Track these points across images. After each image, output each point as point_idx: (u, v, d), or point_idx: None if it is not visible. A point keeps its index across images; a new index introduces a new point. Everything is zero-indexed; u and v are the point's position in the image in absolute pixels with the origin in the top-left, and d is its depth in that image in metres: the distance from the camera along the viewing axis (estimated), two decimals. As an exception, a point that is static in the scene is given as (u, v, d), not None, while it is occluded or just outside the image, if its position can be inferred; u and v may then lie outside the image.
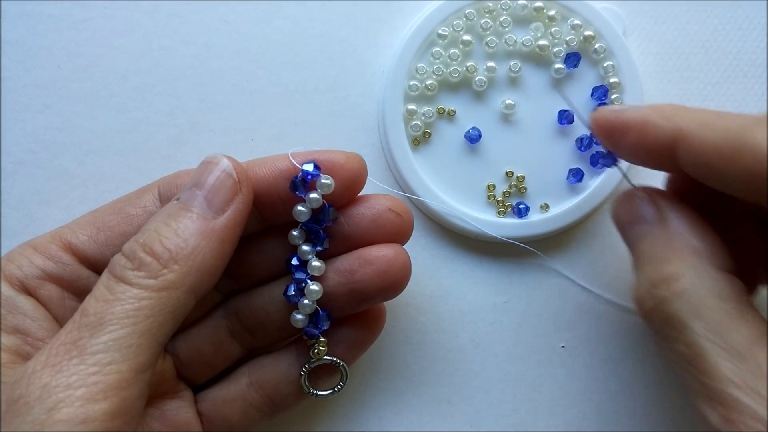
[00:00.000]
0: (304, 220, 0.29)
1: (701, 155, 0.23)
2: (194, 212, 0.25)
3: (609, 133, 0.27)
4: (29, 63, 0.35)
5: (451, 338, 0.35)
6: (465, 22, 0.34)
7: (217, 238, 0.25)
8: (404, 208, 0.30)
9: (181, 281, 0.24)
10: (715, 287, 0.23)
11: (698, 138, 0.23)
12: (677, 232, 0.25)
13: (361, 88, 0.35)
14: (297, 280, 0.29)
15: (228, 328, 0.31)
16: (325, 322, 0.29)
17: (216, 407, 0.30)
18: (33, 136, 0.35)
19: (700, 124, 0.23)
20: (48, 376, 0.21)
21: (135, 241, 0.25)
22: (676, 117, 0.24)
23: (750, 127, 0.22)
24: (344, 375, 0.31)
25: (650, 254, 0.25)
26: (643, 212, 0.26)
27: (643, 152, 0.26)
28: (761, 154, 0.21)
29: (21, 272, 0.28)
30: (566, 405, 0.35)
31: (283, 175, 0.28)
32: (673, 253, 0.24)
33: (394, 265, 0.29)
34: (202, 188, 0.26)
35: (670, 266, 0.24)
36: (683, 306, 0.23)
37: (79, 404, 0.21)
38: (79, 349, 0.22)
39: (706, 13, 0.36)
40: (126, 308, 0.23)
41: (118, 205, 0.29)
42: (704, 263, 0.24)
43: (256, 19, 0.35)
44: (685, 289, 0.23)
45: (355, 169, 0.29)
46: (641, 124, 0.25)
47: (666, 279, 0.24)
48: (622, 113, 0.26)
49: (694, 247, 0.24)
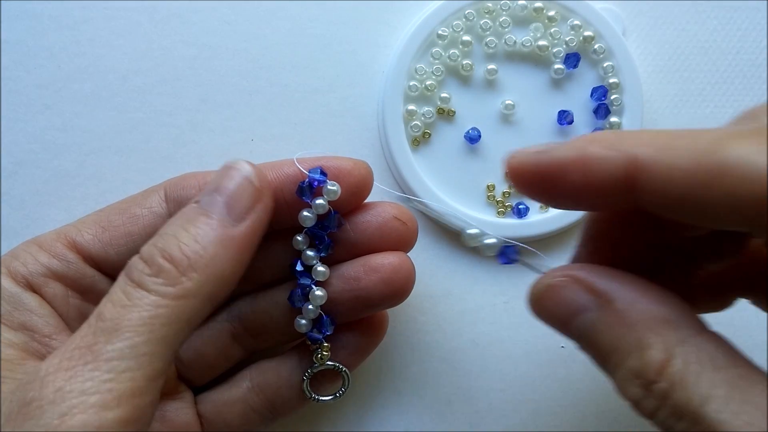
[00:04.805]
0: (309, 225, 0.29)
1: (669, 186, 0.19)
2: (214, 218, 0.25)
3: (540, 181, 0.22)
4: (29, 63, 0.35)
5: (451, 338, 0.35)
6: (465, 23, 0.35)
7: (236, 246, 0.25)
8: (409, 217, 0.30)
9: (199, 290, 0.24)
10: (707, 357, 0.19)
11: (661, 165, 0.19)
12: (632, 308, 0.21)
13: (361, 88, 0.36)
14: (301, 285, 0.29)
15: (230, 330, 0.31)
16: (328, 328, 0.29)
17: (216, 409, 0.30)
18: (33, 136, 0.35)
19: (658, 149, 0.19)
20: (62, 380, 0.21)
21: (154, 246, 0.24)
22: (624, 144, 0.20)
23: (723, 143, 0.18)
24: (346, 380, 0.31)
25: (618, 345, 0.21)
26: (577, 300, 0.22)
27: (590, 195, 0.21)
28: (748, 173, 0.17)
29: (26, 269, 0.27)
30: (566, 405, 0.35)
31: (289, 179, 0.28)
32: (646, 334, 0.20)
33: (399, 273, 0.29)
34: (223, 194, 0.26)
35: (653, 351, 0.20)
36: (688, 393, 0.19)
37: (93, 411, 0.21)
38: (94, 355, 0.22)
39: (706, 13, 0.36)
40: (143, 315, 0.22)
41: (124, 205, 0.29)
42: (682, 332, 0.20)
43: (256, 19, 0.35)
44: (682, 371, 0.19)
45: (362, 176, 0.29)
46: (581, 161, 0.20)
47: (657, 369, 0.20)
48: (550, 153, 0.21)
49: (661, 318, 0.20)
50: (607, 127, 0.35)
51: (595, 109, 0.35)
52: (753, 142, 0.18)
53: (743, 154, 0.18)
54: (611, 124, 0.35)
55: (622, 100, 0.34)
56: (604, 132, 0.21)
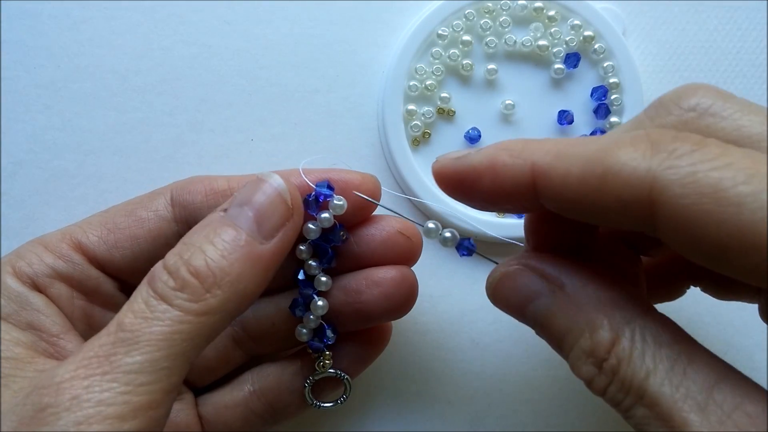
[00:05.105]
0: (313, 237, 0.29)
1: (564, 190, 0.21)
2: (242, 233, 0.24)
3: (458, 184, 0.24)
4: (29, 63, 0.35)
5: (451, 338, 0.35)
6: (465, 23, 0.34)
7: (263, 265, 0.24)
8: (414, 232, 0.30)
9: (222, 307, 0.23)
10: (652, 335, 0.21)
11: (557, 171, 0.21)
12: (582, 291, 0.22)
13: (361, 88, 0.35)
14: (303, 295, 0.29)
15: (232, 335, 0.31)
16: (330, 337, 0.29)
17: (217, 411, 0.30)
18: (33, 136, 0.35)
19: (555, 156, 0.21)
20: (79, 388, 0.21)
21: (179, 256, 0.24)
22: (527, 152, 0.22)
23: (609, 149, 0.20)
24: (348, 388, 0.31)
25: (570, 328, 0.22)
26: (531, 286, 0.23)
27: (501, 197, 0.23)
28: (628, 177, 0.19)
29: (31, 270, 0.27)
30: (566, 405, 0.35)
31: None
32: (596, 315, 0.21)
33: (401, 287, 0.29)
34: (253, 208, 0.25)
35: (602, 331, 0.21)
36: (634, 368, 0.20)
37: (109, 423, 0.21)
38: (112, 365, 0.21)
39: (706, 13, 0.36)
40: (164, 330, 0.22)
41: (130, 207, 0.29)
42: (629, 312, 0.21)
43: (256, 19, 0.35)
44: (629, 348, 0.21)
45: (370, 190, 0.29)
46: (491, 167, 0.22)
47: (607, 347, 0.21)
48: (466, 159, 0.23)
49: (609, 300, 0.22)
50: (608, 127, 0.35)
51: (595, 109, 0.35)
52: (634, 149, 0.19)
53: (625, 160, 0.19)
54: (611, 124, 0.35)
55: (622, 100, 0.34)
56: (514, 141, 0.23)
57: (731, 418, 0.19)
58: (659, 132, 0.20)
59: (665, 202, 0.18)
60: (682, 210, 0.18)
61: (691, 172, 0.18)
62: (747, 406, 0.19)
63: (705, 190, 0.18)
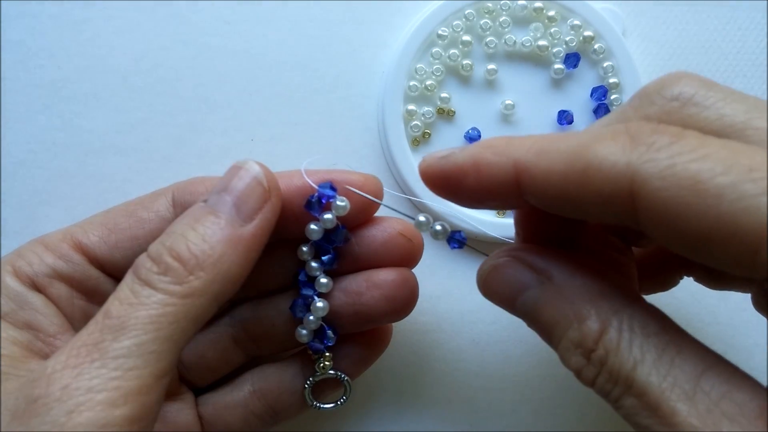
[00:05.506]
0: (316, 238, 0.29)
1: (547, 186, 0.21)
2: (222, 218, 0.25)
3: (444, 183, 0.24)
4: (29, 63, 0.35)
5: (451, 338, 0.35)
6: (465, 23, 0.34)
7: (244, 246, 0.25)
8: (415, 234, 0.30)
9: (206, 288, 0.24)
10: (639, 325, 0.21)
11: (539, 168, 0.21)
12: (570, 282, 0.22)
13: (361, 88, 0.35)
14: (304, 296, 0.29)
15: (232, 335, 0.31)
16: (330, 339, 0.30)
17: (217, 412, 0.30)
18: (33, 136, 0.35)
19: (537, 153, 0.21)
20: (69, 377, 0.21)
21: (161, 244, 0.24)
22: (509, 149, 0.22)
23: (588, 144, 0.20)
24: (348, 389, 0.31)
25: (559, 319, 0.22)
26: (520, 278, 0.23)
27: (486, 194, 0.23)
28: (608, 172, 0.19)
29: (31, 269, 0.27)
30: (566, 405, 0.35)
31: (299, 191, 0.28)
32: (584, 306, 0.21)
33: (402, 290, 0.29)
34: (232, 193, 0.26)
35: (590, 322, 0.21)
36: (622, 358, 0.20)
37: (99, 408, 0.21)
38: (101, 352, 0.22)
39: (706, 13, 0.36)
40: (150, 313, 0.22)
41: (131, 208, 0.29)
42: (616, 302, 0.21)
43: (256, 19, 0.35)
44: (616, 338, 0.21)
45: (372, 191, 0.29)
46: (475, 166, 0.22)
47: (595, 337, 0.21)
48: (450, 158, 0.23)
49: (597, 291, 0.22)
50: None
51: (595, 108, 0.35)
52: (614, 143, 0.19)
53: (605, 155, 0.19)
54: (611, 124, 0.35)
55: (622, 100, 0.34)
56: (497, 138, 0.23)
57: (719, 406, 0.19)
58: (638, 125, 0.20)
59: (645, 195, 0.18)
60: (663, 203, 0.18)
61: (670, 164, 0.18)
62: (734, 394, 0.19)
63: (684, 183, 0.18)
